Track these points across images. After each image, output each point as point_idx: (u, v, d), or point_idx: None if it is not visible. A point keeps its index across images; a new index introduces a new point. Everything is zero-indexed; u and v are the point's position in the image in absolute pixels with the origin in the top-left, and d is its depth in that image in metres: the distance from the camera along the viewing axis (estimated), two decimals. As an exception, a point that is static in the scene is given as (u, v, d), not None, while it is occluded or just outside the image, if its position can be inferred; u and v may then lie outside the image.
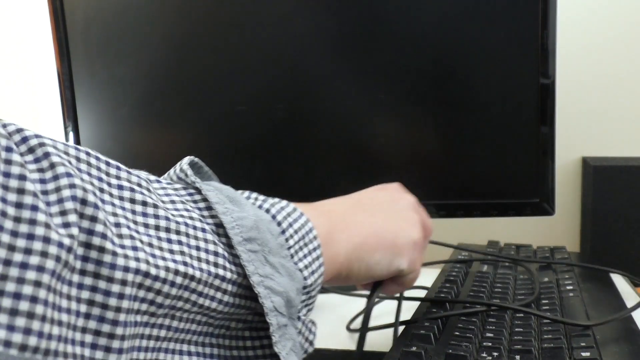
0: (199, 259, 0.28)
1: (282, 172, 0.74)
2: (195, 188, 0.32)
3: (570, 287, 0.55)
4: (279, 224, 0.33)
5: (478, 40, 0.67)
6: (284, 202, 0.34)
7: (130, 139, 0.78)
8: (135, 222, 0.27)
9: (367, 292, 0.47)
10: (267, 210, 0.33)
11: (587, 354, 0.39)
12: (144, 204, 0.28)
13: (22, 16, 1.06)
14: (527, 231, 0.88)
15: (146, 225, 0.27)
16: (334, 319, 0.55)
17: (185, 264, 0.27)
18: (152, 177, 0.32)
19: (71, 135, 0.79)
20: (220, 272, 0.29)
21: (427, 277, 0.67)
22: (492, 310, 0.48)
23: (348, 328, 0.52)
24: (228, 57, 0.73)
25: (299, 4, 0.71)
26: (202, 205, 0.31)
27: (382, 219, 0.41)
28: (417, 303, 0.53)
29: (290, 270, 0.32)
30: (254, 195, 0.34)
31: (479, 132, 0.69)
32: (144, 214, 0.28)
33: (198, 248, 0.29)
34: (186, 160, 0.35)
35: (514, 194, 0.69)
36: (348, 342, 0.51)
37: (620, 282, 0.68)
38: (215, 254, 0.29)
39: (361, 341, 0.41)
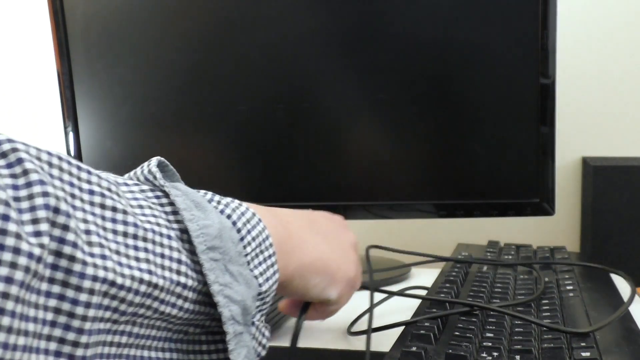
0: (163, 267, 0.29)
1: (282, 172, 0.74)
2: (162, 191, 0.33)
3: (571, 287, 0.55)
4: (239, 230, 0.34)
5: (478, 40, 0.67)
6: (244, 207, 0.35)
7: (130, 139, 0.78)
8: (104, 229, 0.28)
9: (368, 293, 0.47)
10: (229, 216, 0.34)
11: (587, 354, 0.39)
12: (114, 209, 0.28)
13: (22, 16, 1.06)
14: (527, 231, 0.88)
15: (115, 232, 0.28)
16: (334, 319, 0.55)
17: (149, 272, 0.28)
18: (120, 179, 0.32)
19: (71, 135, 0.79)
20: (182, 279, 0.30)
21: (427, 277, 0.67)
22: (492, 311, 0.48)
23: (349, 331, 0.53)
24: (228, 57, 0.73)
25: (299, 5, 0.71)
26: (168, 209, 0.32)
27: (330, 248, 0.43)
28: (417, 303, 0.53)
29: (247, 278, 0.33)
30: (216, 198, 0.35)
31: (479, 132, 0.69)
32: (114, 220, 0.28)
33: (163, 255, 0.29)
34: (154, 161, 0.35)
35: (514, 194, 0.69)
36: (347, 343, 0.51)
37: (620, 282, 0.68)
38: (179, 261, 0.30)
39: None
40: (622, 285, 0.66)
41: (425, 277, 0.71)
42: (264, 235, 0.35)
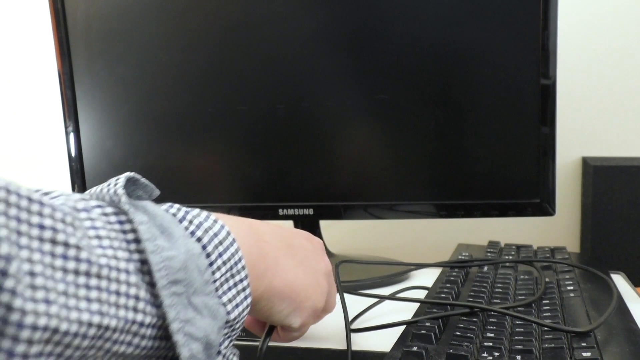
0: (117, 306, 0.28)
1: (283, 172, 0.74)
2: (127, 215, 0.31)
3: (571, 288, 0.56)
4: (209, 255, 0.32)
5: (479, 41, 0.67)
6: (218, 225, 0.34)
7: (131, 139, 0.78)
8: (53, 267, 0.26)
9: (367, 292, 0.47)
10: (199, 239, 0.32)
11: (588, 354, 0.39)
12: (66, 245, 0.26)
13: (23, 16, 1.06)
14: (528, 231, 0.88)
15: (65, 270, 0.26)
16: (334, 319, 0.55)
17: (100, 313, 0.27)
18: (81, 204, 0.30)
19: (72, 135, 0.79)
20: (139, 317, 0.29)
21: (427, 277, 0.67)
22: (492, 311, 0.48)
23: (349, 329, 0.53)
24: (229, 57, 0.73)
25: (300, 5, 0.71)
26: (131, 237, 0.30)
27: (303, 274, 0.42)
28: (418, 303, 0.53)
29: (213, 309, 0.32)
30: (188, 217, 0.33)
31: (480, 133, 0.69)
32: (65, 257, 0.26)
33: (118, 293, 0.28)
34: (122, 180, 0.32)
35: (514, 194, 0.69)
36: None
37: (620, 282, 0.68)
38: (136, 298, 0.28)
39: None
40: (622, 285, 0.66)
41: (425, 277, 0.71)
42: (237, 258, 0.34)
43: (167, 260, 0.30)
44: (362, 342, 0.50)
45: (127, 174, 0.33)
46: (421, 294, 0.59)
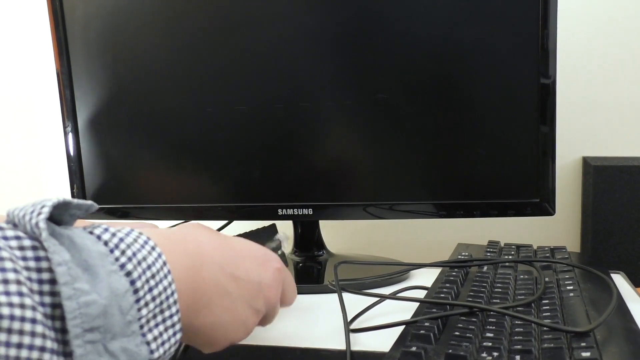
0: (19, 359, 0.26)
1: (282, 172, 0.74)
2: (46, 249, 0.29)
3: (571, 287, 0.55)
4: (137, 291, 0.31)
5: (478, 40, 0.67)
6: (154, 255, 0.32)
7: (129, 139, 0.78)
8: None
9: (366, 292, 0.47)
10: (129, 273, 0.31)
11: (588, 354, 0.39)
12: None
13: (22, 16, 1.06)
14: (528, 231, 0.88)
15: None
16: (334, 319, 0.55)
17: None
18: None
19: (70, 135, 0.79)
20: None
21: (427, 277, 0.67)
22: (491, 311, 0.48)
23: (349, 328, 0.53)
24: (228, 57, 0.73)
25: (299, 4, 0.71)
26: (46, 277, 0.28)
27: (230, 316, 0.41)
28: (417, 303, 0.53)
29: (132, 353, 0.30)
30: (122, 245, 0.31)
31: (479, 132, 0.69)
32: None
33: (20, 345, 0.26)
34: (46, 211, 0.29)
35: (514, 194, 0.69)
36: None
37: (620, 282, 0.68)
38: (42, 349, 0.27)
39: None
40: (623, 285, 0.66)
41: (425, 277, 0.71)
42: (169, 292, 0.32)
43: (84, 307, 0.28)
44: (361, 342, 0.50)
45: (56, 200, 0.31)
46: (420, 294, 0.59)
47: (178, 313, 0.33)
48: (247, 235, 0.54)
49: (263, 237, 0.53)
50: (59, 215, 0.31)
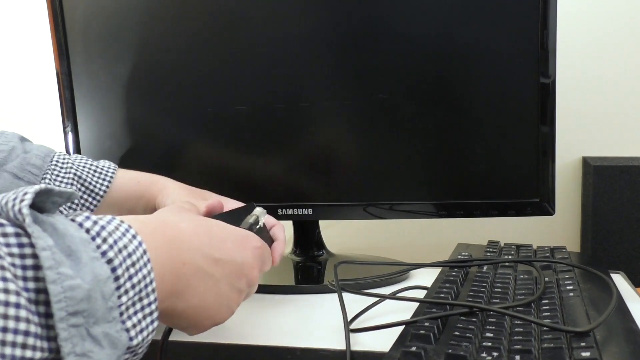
0: (4, 343, 0.26)
1: (282, 171, 0.74)
2: (29, 235, 0.29)
3: (571, 287, 0.55)
4: (117, 278, 0.31)
5: (478, 40, 0.67)
6: (135, 243, 0.33)
7: (129, 139, 0.78)
8: None
9: (368, 291, 0.47)
10: (110, 261, 0.31)
11: (587, 354, 0.39)
12: None
13: (22, 16, 1.06)
14: (528, 231, 0.88)
15: None
16: (333, 319, 0.55)
17: None
18: None
19: (70, 135, 0.79)
20: (29, 354, 0.27)
21: (427, 277, 0.67)
22: (491, 311, 0.48)
23: (349, 328, 0.53)
24: (228, 57, 0.73)
25: (299, 5, 0.71)
26: (29, 262, 0.28)
27: (212, 297, 0.42)
28: (417, 303, 0.53)
29: (113, 338, 0.31)
30: (104, 233, 0.32)
31: (479, 132, 0.69)
32: None
33: (5, 329, 0.26)
34: (29, 197, 0.30)
35: (514, 193, 0.69)
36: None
37: (620, 282, 0.68)
38: (26, 333, 0.27)
39: None
40: (623, 285, 0.66)
41: (425, 277, 0.71)
42: (148, 280, 0.33)
43: (69, 291, 0.28)
44: (361, 342, 0.50)
45: (38, 187, 0.30)
46: (420, 294, 0.59)
47: (156, 302, 0.34)
48: (226, 215, 0.55)
49: (242, 214, 0.54)
50: (41, 203, 0.31)
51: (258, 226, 0.54)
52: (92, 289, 0.29)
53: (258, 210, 0.56)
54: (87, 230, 0.31)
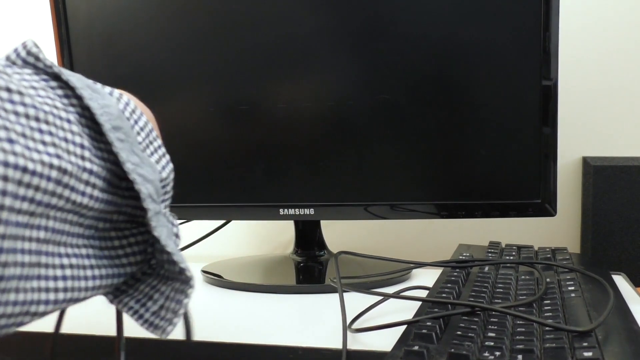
0: (68, 152, 0.28)
1: (283, 172, 0.74)
2: (49, 74, 0.31)
3: (572, 288, 0.56)
4: (128, 118, 0.33)
5: (480, 42, 0.68)
6: (126, 97, 0.34)
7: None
8: (5, 110, 0.25)
9: (370, 290, 0.47)
10: (119, 98, 0.33)
11: (590, 354, 0.39)
12: (9, 90, 0.26)
13: (24, 16, 1.06)
14: (528, 231, 0.88)
15: (16, 114, 0.26)
16: (335, 318, 0.55)
17: (58, 156, 0.27)
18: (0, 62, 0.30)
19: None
20: (88, 165, 0.29)
21: (428, 278, 0.67)
22: (493, 310, 0.48)
23: (349, 327, 0.53)
24: (230, 56, 0.73)
25: (302, 4, 0.71)
26: (60, 92, 0.30)
27: None
28: (419, 302, 0.53)
29: (150, 162, 0.32)
30: (99, 84, 0.34)
31: (481, 133, 0.69)
32: (12, 102, 0.26)
33: (66, 140, 0.28)
34: (30, 41, 0.32)
35: (515, 194, 0.69)
36: (348, 342, 0.51)
37: (621, 282, 0.68)
38: (82, 146, 0.29)
39: None
40: (623, 285, 0.66)
41: (426, 277, 0.71)
42: (149, 127, 0.35)
43: (105, 107, 0.30)
44: (363, 342, 0.50)
45: (28, 40, 0.33)
46: (422, 294, 0.59)
47: (163, 147, 0.36)
48: None
49: None
50: None
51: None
52: (119, 116, 0.31)
53: None
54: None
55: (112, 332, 0.40)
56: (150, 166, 0.32)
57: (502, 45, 0.67)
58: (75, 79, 0.30)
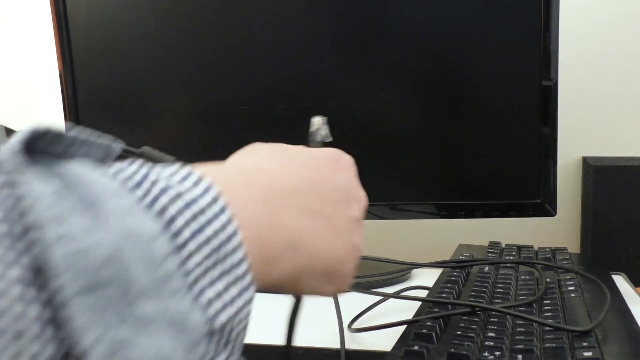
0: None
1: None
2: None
3: (572, 288, 0.56)
4: (176, 235, 0.20)
5: (481, 43, 0.68)
6: (200, 188, 0.23)
7: (131, 139, 0.78)
8: None
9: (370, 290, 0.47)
10: (162, 211, 0.20)
11: (589, 353, 0.39)
12: None
13: (25, 16, 1.06)
14: (528, 231, 0.88)
15: None
16: (334, 319, 0.55)
17: None
18: None
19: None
20: (35, 347, 0.17)
21: (428, 278, 0.67)
22: (493, 310, 0.48)
23: (349, 327, 0.53)
24: (230, 57, 0.73)
25: (302, 5, 0.71)
26: (17, 229, 0.18)
27: (334, 237, 0.31)
28: (419, 302, 0.53)
29: (176, 318, 0.19)
30: (152, 176, 0.21)
31: (482, 133, 0.69)
32: None
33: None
34: (23, 134, 0.19)
35: (515, 194, 0.69)
36: (348, 342, 0.51)
37: (621, 282, 0.68)
38: (19, 317, 0.17)
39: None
40: (623, 285, 0.66)
41: (426, 277, 0.71)
42: (229, 232, 0.22)
43: (80, 254, 0.17)
44: (363, 342, 0.50)
45: (34, 128, 0.20)
46: (422, 294, 0.59)
47: (245, 261, 0.22)
48: None
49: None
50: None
51: (329, 138, 0.43)
52: (123, 245, 0.18)
53: (318, 120, 0.43)
54: (126, 179, 0.21)
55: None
56: (174, 325, 0.19)
57: (502, 45, 0.67)
58: (46, 203, 0.18)
